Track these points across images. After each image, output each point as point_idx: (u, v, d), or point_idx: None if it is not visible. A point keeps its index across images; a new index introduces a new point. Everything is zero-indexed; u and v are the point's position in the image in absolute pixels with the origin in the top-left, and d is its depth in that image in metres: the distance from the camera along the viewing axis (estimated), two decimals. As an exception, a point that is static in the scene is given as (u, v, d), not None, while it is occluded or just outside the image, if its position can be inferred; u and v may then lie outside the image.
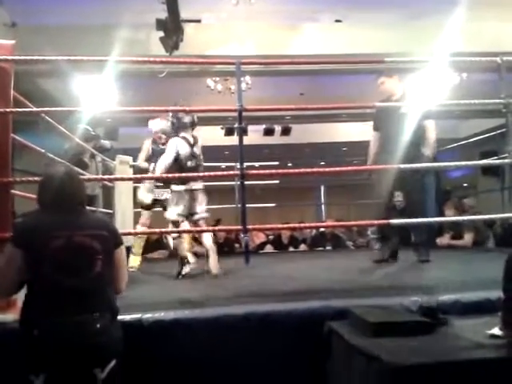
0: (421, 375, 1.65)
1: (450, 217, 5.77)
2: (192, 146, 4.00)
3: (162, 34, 5.67)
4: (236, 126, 3.22)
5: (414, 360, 1.70)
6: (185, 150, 3.95)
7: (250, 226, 3.10)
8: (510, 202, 3.43)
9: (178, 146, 3.94)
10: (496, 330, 1.84)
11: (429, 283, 2.94)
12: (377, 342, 1.87)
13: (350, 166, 3.65)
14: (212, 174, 3.39)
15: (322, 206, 16.79)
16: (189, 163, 3.94)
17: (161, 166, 3.92)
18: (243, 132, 3.30)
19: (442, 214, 5.87)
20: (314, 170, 4.20)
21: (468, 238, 5.99)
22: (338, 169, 3.41)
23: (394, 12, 6.43)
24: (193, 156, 3.98)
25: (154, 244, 6.90)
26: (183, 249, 4.00)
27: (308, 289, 3.01)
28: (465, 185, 14.86)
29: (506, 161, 3.30)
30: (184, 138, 4.00)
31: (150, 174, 4.66)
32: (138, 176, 4.07)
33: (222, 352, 2.26)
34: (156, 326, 2.29)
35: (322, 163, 13.17)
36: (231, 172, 3.62)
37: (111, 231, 2.11)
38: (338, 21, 6.68)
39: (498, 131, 5.04)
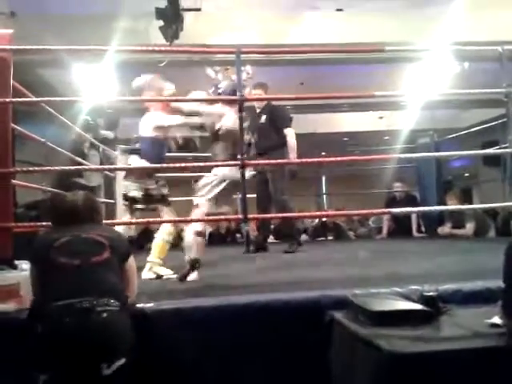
0: (420, 364, 1.65)
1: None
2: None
3: (161, 23, 5.63)
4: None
5: (413, 349, 1.71)
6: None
7: (250, 215, 3.10)
8: (510, 192, 3.42)
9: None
10: (496, 319, 1.85)
11: (429, 272, 2.95)
12: (377, 330, 1.88)
13: (352, 156, 3.62)
14: (212, 163, 3.37)
15: (324, 197, 16.73)
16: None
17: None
18: (244, 122, 3.26)
19: (443, 204, 5.87)
20: (314, 159, 4.19)
21: (469, 227, 5.99)
22: (338, 158, 3.39)
23: (396, 1, 6.38)
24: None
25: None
26: (198, 249, 3.13)
27: (309, 278, 3.01)
28: (466, 175, 14.85)
29: (508, 150, 3.29)
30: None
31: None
32: (142, 166, 3.61)
33: (221, 342, 2.27)
34: (158, 315, 2.29)
35: (323, 153, 13.13)
36: (231, 162, 3.57)
37: (122, 239, 2.20)
38: (339, 10, 6.64)
39: (500, 121, 5.02)
